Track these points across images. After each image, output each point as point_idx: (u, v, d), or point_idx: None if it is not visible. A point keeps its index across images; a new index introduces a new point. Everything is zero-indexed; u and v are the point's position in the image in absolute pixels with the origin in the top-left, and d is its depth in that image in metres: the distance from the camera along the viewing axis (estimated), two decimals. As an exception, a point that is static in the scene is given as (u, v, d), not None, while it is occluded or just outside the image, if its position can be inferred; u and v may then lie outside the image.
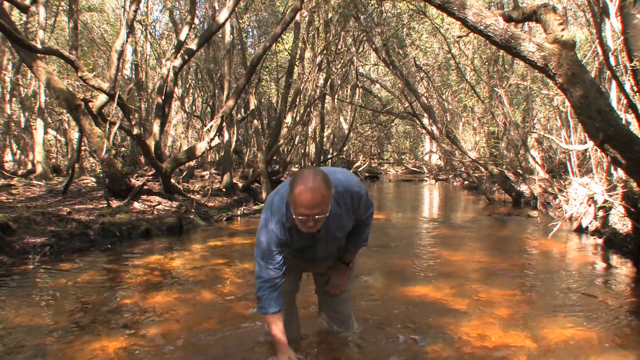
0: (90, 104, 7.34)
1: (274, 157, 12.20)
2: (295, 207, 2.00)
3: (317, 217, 1.98)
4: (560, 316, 3.22)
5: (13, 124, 12.62)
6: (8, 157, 13.26)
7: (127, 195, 7.32)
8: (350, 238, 2.45)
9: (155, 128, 8.46)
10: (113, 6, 15.97)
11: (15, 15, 10.42)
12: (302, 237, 2.24)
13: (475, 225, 7.75)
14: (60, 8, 12.01)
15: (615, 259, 5.05)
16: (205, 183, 10.52)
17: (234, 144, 11.94)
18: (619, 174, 5.81)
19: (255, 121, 11.36)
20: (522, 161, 11.32)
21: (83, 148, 10.33)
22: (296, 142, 14.52)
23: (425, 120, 15.34)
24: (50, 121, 13.14)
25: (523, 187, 10.89)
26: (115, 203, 7.03)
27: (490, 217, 8.66)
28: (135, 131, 7.26)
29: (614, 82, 6.18)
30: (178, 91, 14.32)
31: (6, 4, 7.01)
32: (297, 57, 11.58)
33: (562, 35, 3.89)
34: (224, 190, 9.82)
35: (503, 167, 11.18)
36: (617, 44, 5.13)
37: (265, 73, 15.37)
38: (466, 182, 16.97)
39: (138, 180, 8.08)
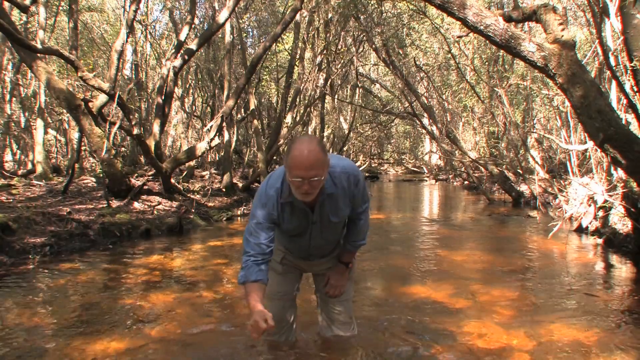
0: (90, 104, 7.34)
1: (274, 157, 12.20)
2: (291, 170, 1.99)
3: (312, 179, 1.97)
4: (560, 316, 3.22)
5: (13, 124, 12.62)
6: (8, 157, 13.26)
7: (127, 195, 7.32)
8: (347, 236, 2.44)
9: (155, 128, 8.46)
10: (113, 6, 15.97)
11: (15, 15, 10.42)
12: (295, 216, 2.22)
13: (475, 225, 7.75)
14: (60, 8, 12.01)
15: (615, 259, 5.05)
16: (205, 183, 10.52)
17: (234, 144, 11.94)
18: (619, 174, 5.80)
19: (255, 121, 11.36)
20: (522, 161, 11.32)
21: (83, 148, 10.33)
22: (296, 142, 14.49)
23: (425, 120, 15.34)
24: (50, 121, 13.14)
25: (523, 187, 10.89)
26: (115, 203, 7.03)
27: (490, 217, 8.66)
28: (135, 131, 7.26)
29: (614, 82, 6.17)
30: (178, 91, 14.32)
31: (6, 4, 7.01)
32: (297, 57, 11.58)
33: (562, 35, 3.89)
34: (224, 190, 9.82)
35: (503, 167, 11.18)
36: (617, 44, 5.13)
37: (265, 73, 15.36)
38: (466, 182, 16.96)
39: (138, 180, 8.09)
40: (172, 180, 8.54)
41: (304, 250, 2.41)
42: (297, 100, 12.24)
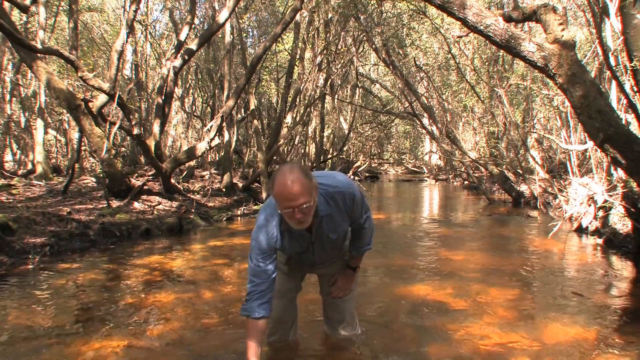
0: (90, 104, 7.34)
1: (274, 157, 12.19)
2: (279, 202, 2.00)
3: (303, 206, 1.97)
4: (560, 316, 3.22)
5: (13, 124, 12.62)
6: (8, 157, 13.25)
7: (127, 195, 7.32)
8: (352, 243, 2.46)
9: (155, 128, 8.46)
10: (113, 6, 15.96)
11: (15, 15, 10.42)
12: (296, 241, 2.24)
13: (475, 225, 7.75)
14: (60, 8, 12.00)
15: (615, 259, 5.04)
16: (205, 183, 10.51)
17: (234, 144, 11.94)
18: (619, 174, 5.81)
19: (255, 121, 11.35)
20: (522, 161, 11.32)
21: (83, 148, 10.33)
22: (296, 142, 14.52)
23: (425, 120, 15.34)
24: (50, 121, 13.14)
25: (523, 187, 10.88)
26: (115, 203, 7.02)
27: (490, 217, 8.65)
28: (135, 131, 7.25)
29: (614, 82, 6.17)
30: (178, 91, 14.31)
31: (6, 4, 7.01)
32: (297, 57, 11.57)
33: (562, 35, 3.89)
34: (224, 190, 9.81)
35: (503, 167, 11.18)
36: (617, 44, 5.13)
37: (265, 73, 15.36)
38: (466, 182, 16.97)
39: (138, 180, 8.08)
40: (172, 180, 8.54)
41: (308, 261, 2.45)
42: (297, 100, 12.24)
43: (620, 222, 5.73)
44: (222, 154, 11.73)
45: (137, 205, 7.29)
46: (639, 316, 3.30)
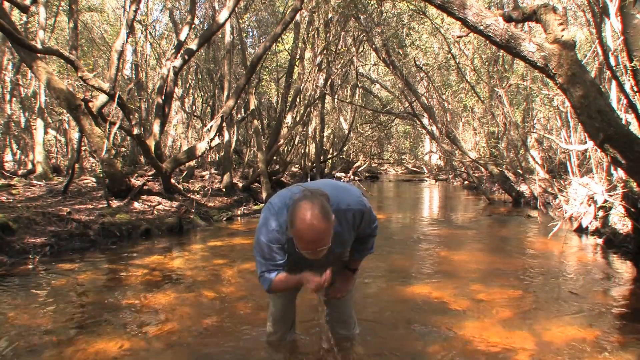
0: (90, 104, 7.34)
1: (274, 157, 12.21)
2: (296, 242, 2.00)
3: (319, 249, 1.99)
4: (560, 316, 3.22)
5: (13, 124, 12.62)
6: (8, 157, 13.26)
7: (127, 195, 7.32)
8: (356, 247, 2.46)
9: (155, 128, 8.46)
10: (113, 6, 15.96)
11: (15, 15, 10.42)
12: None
13: (475, 225, 7.75)
14: (60, 8, 12.01)
15: (615, 259, 5.04)
16: (205, 183, 10.52)
17: (234, 144, 11.94)
18: (619, 174, 5.81)
19: (255, 121, 11.36)
20: (522, 161, 11.32)
21: (83, 148, 10.33)
22: (296, 142, 14.53)
23: (425, 120, 15.33)
24: (50, 121, 13.15)
25: (523, 187, 10.88)
26: (115, 203, 7.03)
27: (490, 217, 8.65)
28: (135, 131, 7.26)
29: (614, 82, 6.17)
30: (178, 91, 14.32)
31: (6, 4, 7.01)
32: (297, 57, 11.58)
33: (562, 35, 3.89)
34: (224, 190, 9.82)
35: (503, 167, 11.18)
36: (617, 44, 5.13)
37: (265, 73, 15.37)
38: (466, 182, 16.96)
39: (138, 180, 8.08)
40: (172, 180, 8.54)
41: (307, 266, 2.44)
42: (297, 100, 12.24)
43: (620, 222, 5.73)
44: (222, 154, 11.73)
45: (137, 205, 7.29)
46: (639, 316, 3.30)
